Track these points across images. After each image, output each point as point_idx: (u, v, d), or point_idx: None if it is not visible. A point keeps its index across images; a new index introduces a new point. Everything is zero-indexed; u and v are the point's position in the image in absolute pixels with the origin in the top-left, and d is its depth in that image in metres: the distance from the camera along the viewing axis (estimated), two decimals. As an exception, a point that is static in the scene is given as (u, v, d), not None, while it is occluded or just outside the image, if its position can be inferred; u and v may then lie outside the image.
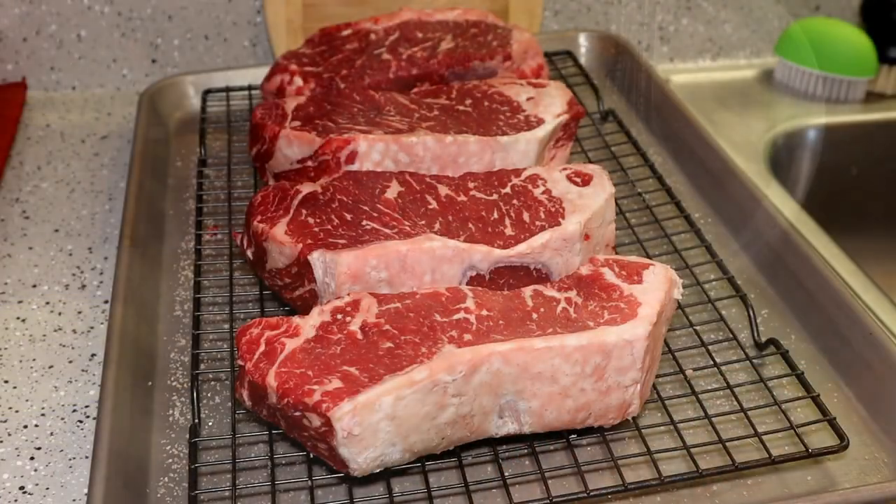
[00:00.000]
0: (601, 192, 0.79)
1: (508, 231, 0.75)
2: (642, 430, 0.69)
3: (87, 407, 0.76)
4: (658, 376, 0.73)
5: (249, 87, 1.08)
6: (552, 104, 0.90)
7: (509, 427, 0.66)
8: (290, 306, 0.78)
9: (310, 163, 0.84)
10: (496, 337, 0.65)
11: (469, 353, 0.63)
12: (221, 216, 0.91)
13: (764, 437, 0.67)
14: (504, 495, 0.66)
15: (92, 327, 0.84)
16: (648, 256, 0.85)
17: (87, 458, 0.71)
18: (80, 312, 0.85)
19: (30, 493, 0.69)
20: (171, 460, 0.70)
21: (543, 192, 0.79)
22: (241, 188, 0.94)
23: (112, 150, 1.09)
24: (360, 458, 0.61)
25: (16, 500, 0.68)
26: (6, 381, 0.78)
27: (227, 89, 1.08)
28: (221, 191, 0.94)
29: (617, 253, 0.84)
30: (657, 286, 0.68)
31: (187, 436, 0.70)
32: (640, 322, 0.65)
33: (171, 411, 0.74)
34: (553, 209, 0.77)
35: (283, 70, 0.97)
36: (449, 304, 0.67)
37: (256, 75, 1.08)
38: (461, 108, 0.90)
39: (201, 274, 0.82)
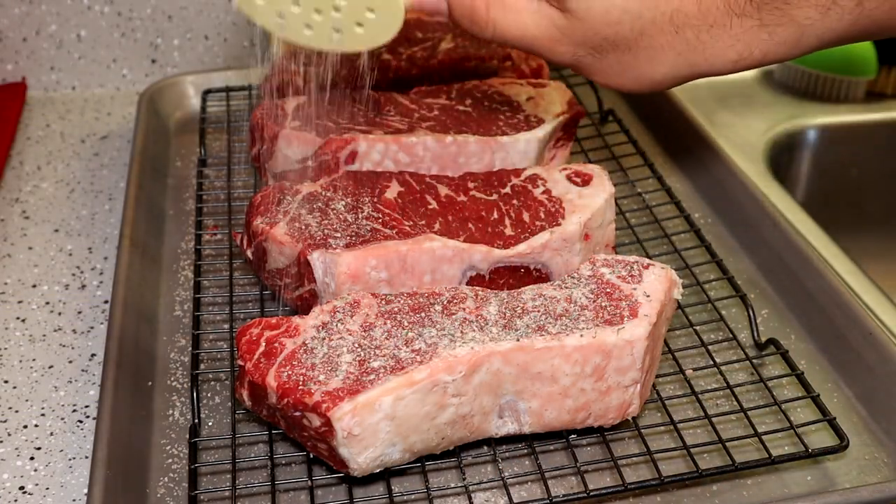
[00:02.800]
0: (601, 192, 0.79)
1: (508, 231, 0.75)
2: (642, 430, 0.69)
3: (86, 407, 0.76)
4: (658, 376, 0.73)
5: (249, 87, 1.08)
6: (552, 104, 0.90)
7: (509, 427, 0.66)
8: (290, 306, 0.78)
9: (310, 163, 0.84)
10: (496, 337, 0.64)
11: (469, 353, 0.63)
12: (221, 216, 0.91)
13: (764, 437, 0.67)
14: (504, 495, 0.66)
15: (92, 327, 0.84)
16: (648, 256, 0.85)
17: (87, 458, 0.71)
18: (80, 312, 0.85)
19: (30, 493, 0.69)
20: (171, 460, 0.70)
21: (543, 192, 0.79)
22: (241, 188, 0.94)
23: (112, 150, 1.09)
24: (360, 458, 0.61)
25: (16, 500, 0.68)
26: (6, 381, 0.78)
27: (227, 89, 1.08)
28: (221, 191, 0.94)
29: (617, 253, 0.84)
30: (657, 286, 0.68)
31: (187, 436, 0.70)
32: (640, 322, 0.65)
33: (171, 411, 0.74)
34: (553, 209, 0.77)
35: (283, 70, 0.97)
36: (449, 304, 0.67)
37: (256, 75, 1.08)
38: (461, 108, 0.90)
39: (201, 274, 0.82)
